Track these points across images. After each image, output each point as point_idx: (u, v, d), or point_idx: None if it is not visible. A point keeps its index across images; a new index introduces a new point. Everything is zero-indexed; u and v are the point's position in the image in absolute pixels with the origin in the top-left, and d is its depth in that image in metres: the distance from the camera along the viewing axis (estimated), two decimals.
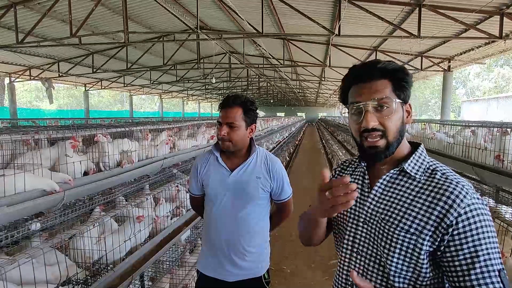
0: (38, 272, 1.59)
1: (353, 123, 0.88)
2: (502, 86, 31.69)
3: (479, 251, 0.73)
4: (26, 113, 16.93)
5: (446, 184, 0.79)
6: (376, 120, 0.83)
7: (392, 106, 0.83)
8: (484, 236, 0.73)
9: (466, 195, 0.76)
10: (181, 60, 14.03)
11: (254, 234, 1.58)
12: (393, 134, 0.83)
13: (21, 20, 7.41)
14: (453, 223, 0.74)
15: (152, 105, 42.64)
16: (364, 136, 0.84)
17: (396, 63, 0.86)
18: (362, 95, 0.84)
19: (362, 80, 0.86)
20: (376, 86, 0.84)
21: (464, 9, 6.05)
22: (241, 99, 1.54)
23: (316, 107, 46.09)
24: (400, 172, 0.86)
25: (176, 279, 2.58)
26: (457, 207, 0.75)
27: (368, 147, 0.85)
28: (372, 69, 0.85)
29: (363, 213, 0.89)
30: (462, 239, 0.74)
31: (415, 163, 0.86)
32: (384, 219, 0.84)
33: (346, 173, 1.03)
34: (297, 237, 4.77)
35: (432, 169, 0.84)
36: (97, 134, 2.57)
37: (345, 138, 12.36)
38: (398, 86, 0.84)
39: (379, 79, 0.84)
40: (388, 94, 0.83)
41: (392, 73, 0.84)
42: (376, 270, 0.85)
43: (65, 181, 2.05)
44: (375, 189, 0.88)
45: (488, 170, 2.95)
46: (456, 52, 9.47)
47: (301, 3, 6.85)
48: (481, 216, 0.75)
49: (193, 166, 1.66)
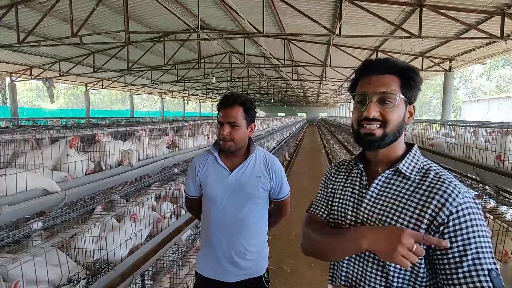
0: (39, 271, 1.60)
1: (355, 111, 0.90)
2: (502, 86, 31.66)
3: (468, 250, 0.73)
4: (27, 113, 16.96)
5: (439, 183, 0.80)
6: (378, 111, 0.85)
7: (396, 101, 0.85)
8: (474, 235, 0.73)
9: (458, 194, 0.77)
10: (182, 60, 14.04)
11: (255, 233, 1.58)
12: (391, 127, 0.85)
13: (22, 20, 7.43)
14: (444, 221, 0.75)
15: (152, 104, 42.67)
16: (362, 124, 0.87)
17: (407, 63, 0.89)
18: (368, 86, 0.87)
19: (372, 73, 0.88)
20: (384, 80, 0.86)
21: (465, 9, 6.04)
22: (241, 98, 1.54)
23: (316, 107, 46.10)
24: (395, 172, 0.88)
25: (177, 279, 2.59)
26: (449, 205, 0.76)
27: (364, 134, 0.87)
28: (383, 64, 0.88)
29: (360, 214, 0.89)
30: (452, 237, 0.75)
31: (410, 163, 0.87)
32: (381, 219, 0.84)
33: (341, 174, 1.03)
34: (296, 236, 4.76)
35: (426, 169, 0.86)
36: (97, 133, 2.57)
37: (346, 138, 12.36)
38: (406, 84, 0.86)
39: (388, 74, 0.87)
40: (394, 89, 0.85)
41: (402, 71, 0.87)
42: (375, 271, 0.85)
43: (63, 178, 2.06)
44: (371, 190, 0.89)
45: (488, 171, 2.95)
46: (457, 52, 9.46)
47: (302, 3, 6.85)
48: (472, 215, 0.75)
49: (191, 166, 1.63)
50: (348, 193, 0.96)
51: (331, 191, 1.03)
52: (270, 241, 1.72)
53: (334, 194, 1.01)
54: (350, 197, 0.94)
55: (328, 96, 30.68)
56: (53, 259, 1.79)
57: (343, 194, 0.97)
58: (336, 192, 1.01)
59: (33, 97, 34.47)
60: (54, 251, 1.79)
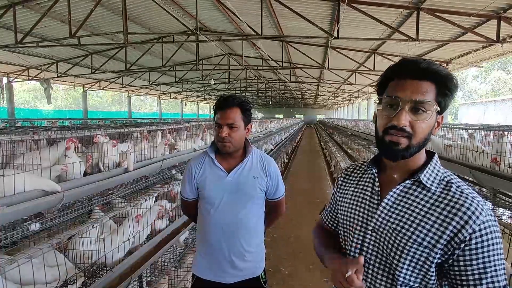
0: (37, 272, 1.59)
1: (381, 116, 0.83)
2: (497, 89, 31.90)
3: (487, 268, 0.74)
4: (24, 114, 16.88)
5: (462, 199, 0.78)
6: (408, 121, 0.79)
7: (430, 113, 0.79)
8: (494, 254, 0.74)
9: (482, 211, 0.76)
10: (180, 61, 14.04)
11: (253, 234, 1.59)
12: (418, 140, 0.80)
13: (20, 20, 7.40)
14: (467, 239, 0.75)
15: (151, 106, 42.59)
16: (389, 131, 0.81)
17: (448, 70, 0.82)
18: (404, 91, 0.79)
19: (408, 76, 0.80)
20: (422, 87, 0.78)
21: (462, 13, 6.10)
22: (239, 99, 1.54)
23: (314, 109, 46.19)
24: (415, 182, 0.84)
25: (175, 280, 2.58)
26: (472, 223, 0.75)
27: (389, 142, 0.81)
28: (423, 68, 0.79)
29: (372, 221, 0.87)
30: (472, 255, 0.75)
31: (431, 173, 0.83)
32: (396, 229, 0.82)
33: (352, 179, 1.00)
34: (295, 238, 4.75)
35: (446, 180, 0.82)
36: (96, 135, 2.57)
37: (343, 140, 12.40)
38: (442, 94, 0.80)
39: (426, 80, 0.79)
40: (430, 99, 0.78)
41: (442, 79, 0.79)
42: (386, 278, 0.84)
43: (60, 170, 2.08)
44: (387, 198, 0.86)
45: (485, 173, 2.97)
46: (454, 55, 9.53)
47: (301, 5, 6.88)
48: (493, 234, 0.75)
49: (187, 169, 1.62)
50: (359, 198, 0.93)
51: (338, 198, 1.02)
52: (269, 243, 1.73)
53: (343, 199, 0.99)
54: (361, 203, 0.92)
55: (326, 98, 30.76)
56: (50, 260, 1.78)
57: (353, 199, 0.95)
58: (345, 197, 0.98)
59: (30, 98, 34.30)
60: (52, 252, 1.78)
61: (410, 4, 6.19)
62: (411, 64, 0.81)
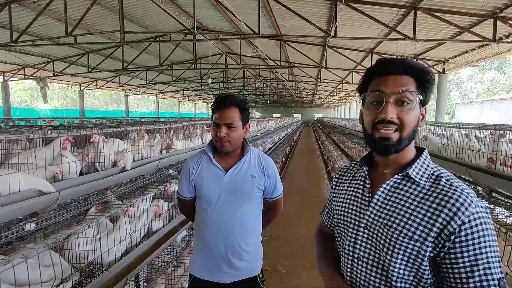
0: (32, 272, 1.58)
1: (368, 113, 0.85)
2: (492, 89, 32.10)
3: (479, 260, 0.73)
4: (20, 113, 16.77)
5: (450, 191, 0.78)
6: (395, 113, 0.81)
7: (414, 103, 0.82)
8: (486, 245, 0.74)
9: (470, 203, 0.75)
10: (177, 60, 14.00)
11: (251, 233, 1.59)
12: (408, 130, 0.82)
13: (16, 19, 7.35)
14: (456, 231, 0.74)
15: (148, 105, 42.44)
16: (377, 127, 0.83)
17: (423, 63, 0.85)
18: (386, 86, 0.83)
19: (388, 72, 0.84)
20: (402, 80, 0.82)
21: (459, 12, 6.13)
22: (237, 99, 1.54)
23: (312, 108, 46.26)
24: (404, 177, 0.85)
25: (172, 280, 2.58)
26: (461, 215, 0.74)
27: (379, 138, 0.83)
28: (401, 64, 0.84)
29: (364, 218, 0.88)
30: (463, 247, 0.74)
31: (420, 168, 0.84)
32: (387, 224, 0.83)
33: (345, 179, 1.02)
34: (292, 237, 4.76)
35: (436, 175, 0.83)
36: (92, 134, 2.55)
37: (341, 139, 12.42)
38: (422, 86, 0.83)
39: (404, 74, 0.83)
40: (412, 89, 0.82)
41: (418, 72, 0.83)
42: (379, 275, 0.84)
43: (53, 174, 2.06)
44: (378, 194, 0.87)
45: (481, 172, 2.98)
46: (451, 54, 9.57)
47: (298, 4, 6.88)
48: (484, 225, 0.74)
49: (184, 168, 1.61)
50: (352, 197, 0.95)
51: (333, 199, 1.04)
52: (266, 242, 1.72)
53: (338, 199, 1.00)
54: (353, 201, 0.93)
55: (324, 97, 30.81)
56: (46, 260, 1.77)
57: (346, 198, 0.96)
58: (339, 197, 1.00)
59: (26, 97, 34.08)
60: (47, 252, 1.77)
61: (407, 3, 6.21)
62: (388, 62, 0.86)
